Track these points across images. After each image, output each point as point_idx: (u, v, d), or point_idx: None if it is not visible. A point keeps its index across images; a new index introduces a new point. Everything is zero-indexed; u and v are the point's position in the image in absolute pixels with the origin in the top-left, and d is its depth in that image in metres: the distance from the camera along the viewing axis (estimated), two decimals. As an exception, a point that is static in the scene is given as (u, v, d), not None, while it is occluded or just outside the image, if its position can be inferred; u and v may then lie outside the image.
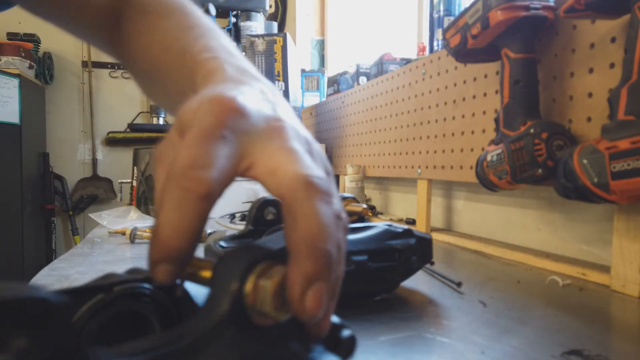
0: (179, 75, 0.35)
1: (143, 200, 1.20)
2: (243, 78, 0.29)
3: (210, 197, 0.21)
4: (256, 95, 0.26)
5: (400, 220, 1.08)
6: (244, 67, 0.31)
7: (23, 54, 2.86)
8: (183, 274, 0.23)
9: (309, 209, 0.21)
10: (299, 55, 2.01)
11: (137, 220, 1.07)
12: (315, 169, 0.23)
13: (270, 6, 2.24)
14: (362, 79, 1.43)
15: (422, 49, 1.27)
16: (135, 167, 1.28)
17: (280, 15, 2.51)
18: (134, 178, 1.28)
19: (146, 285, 0.23)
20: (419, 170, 0.99)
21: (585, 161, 0.48)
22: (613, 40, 0.55)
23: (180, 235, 0.20)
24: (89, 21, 0.47)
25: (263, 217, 0.54)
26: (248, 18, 1.80)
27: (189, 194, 0.20)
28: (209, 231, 0.79)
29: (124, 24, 0.46)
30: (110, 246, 0.82)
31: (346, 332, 0.25)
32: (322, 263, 0.20)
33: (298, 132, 0.25)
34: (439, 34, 1.04)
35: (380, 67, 1.30)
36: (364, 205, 0.59)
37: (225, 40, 0.37)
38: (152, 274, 0.21)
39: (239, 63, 0.32)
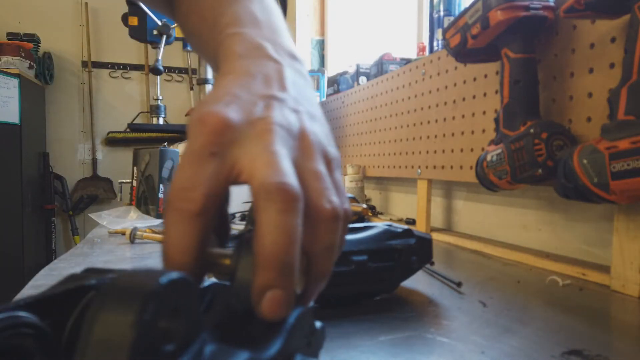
0: (212, 50, 0.36)
1: (143, 200, 1.20)
2: (252, 66, 0.29)
3: (203, 213, 0.22)
4: (250, 94, 0.26)
5: (400, 220, 1.08)
6: (260, 43, 0.31)
7: (23, 54, 2.86)
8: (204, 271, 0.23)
9: (266, 220, 0.22)
10: (299, 55, 2.01)
11: (137, 220, 1.07)
12: (288, 175, 0.23)
13: (270, 6, 2.24)
14: (362, 79, 1.43)
15: (422, 49, 1.27)
16: (135, 167, 1.28)
17: (280, 15, 2.50)
18: (134, 178, 1.28)
19: (26, 316, 0.18)
20: (419, 170, 0.99)
21: (585, 161, 0.48)
22: (613, 40, 0.55)
23: (182, 252, 0.22)
24: None
25: (263, 217, 0.54)
26: (248, 18, 1.79)
27: (182, 214, 0.22)
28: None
29: None
30: (110, 246, 0.82)
31: (318, 324, 0.25)
32: (275, 273, 0.21)
33: (289, 130, 0.25)
34: (439, 34, 1.04)
35: (380, 67, 1.30)
36: (364, 205, 0.59)
37: (257, 3, 0.36)
38: None
39: (257, 38, 0.32)
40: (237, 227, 1.01)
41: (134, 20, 1.68)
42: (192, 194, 0.22)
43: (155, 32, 1.66)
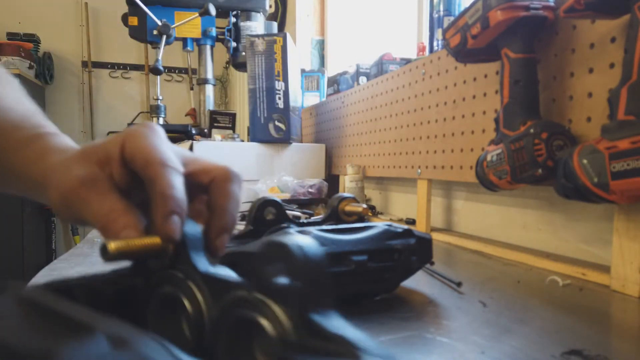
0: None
1: (143, 200, 1.20)
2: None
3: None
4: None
5: (400, 220, 1.08)
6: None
7: (23, 54, 2.86)
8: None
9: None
10: (299, 55, 2.01)
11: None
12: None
13: (270, 6, 2.24)
14: (362, 79, 1.43)
15: (422, 49, 1.27)
16: (135, 167, 1.28)
17: (280, 15, 2.50)
18: (134, 178, 1.28)
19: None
20: (419, 170, 0.99)
21: (585, 161, 0.48)
22: (613, 40, 0.55)
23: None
24: None
25: (263, 217, 0.54)
26: (248, 18, 1.79)
27: None
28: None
29: None
30: (110, 246, 0.82)
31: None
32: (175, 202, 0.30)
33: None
34: (439, 34, 1.04)
35: (380, 67, 1.30)
36: (364, 205, 0.59)
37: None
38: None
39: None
40: (237, 227, 1.01)
41: (134, 20, 1.67)
42: None
43: (155, 32, 1.66)
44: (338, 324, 0.20)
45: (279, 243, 0.22)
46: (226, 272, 0.25)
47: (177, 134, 1.67)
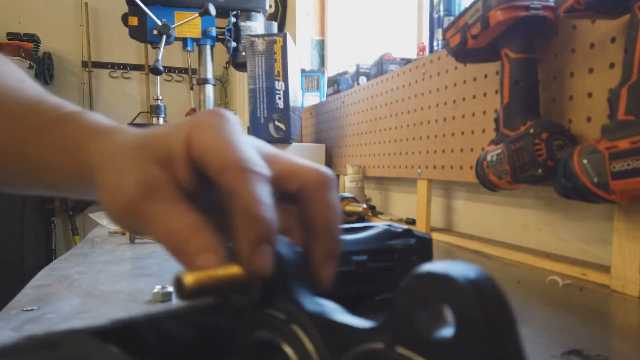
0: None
1: (143, 200, 1.20)
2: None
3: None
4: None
5: (400, 220, 1.08)
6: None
7: (23, 54, 2.86)
8: None
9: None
10: (299, 55, 2.01)
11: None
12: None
13: (270, 6, 2.24)
14: (362, 79, 1.43)
15: (422, 49, 1.27)
16: (135, 167, 1.28)
17: (280, 15, 2.50)
18: (134, 178, 1.28)
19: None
20: (419, 170, 0.99)
21: (585, 161, 0.48)
22: (613, 40, 0.55)
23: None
24: None
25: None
26: (248, 18, 1.79)
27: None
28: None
29: None
30: (110, 246, 0.82)
31: None
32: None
33: None
34: (439, 34, 1.03)
35: (380, 67, 1.30)
36: (364, 205, 0.59)
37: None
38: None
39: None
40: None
41: (134, 20, 1.67)
42: None
43: (155, 32, 1.66)
44: None
45: (438, 275, 0.15)
46: (346, 313, 0.19)
47: (177, 134, 1.67)
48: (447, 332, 0.14)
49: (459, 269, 0.15)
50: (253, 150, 0.25)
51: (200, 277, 0.20)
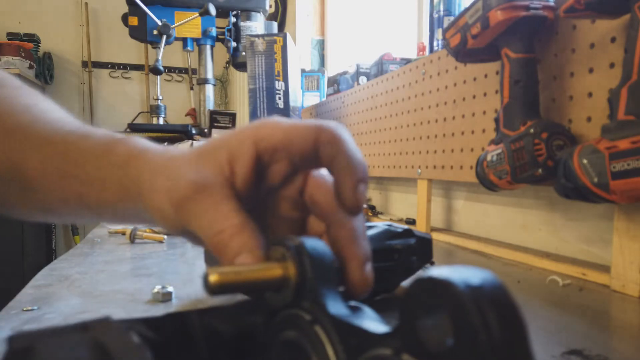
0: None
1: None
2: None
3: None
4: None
5: (400, 220, 1.08)
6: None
7: (23, 54, 2.86)
8: None
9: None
10: (299, 55, 2.01)
11: (137, 220, 1.07)
12: None
13: (270, 6, 2.24)
14: (362, 79, 1.43)
15: (422, 49, 1.27)
16: (135, 167, 1.28)
17: (280, 15, 2.50)
18: (134, 178, 1.28)
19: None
20: (419, 170, 0.99)
21: (585, 161, 0.48)
22: (613, 40, 0.55)
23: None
24: None
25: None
26: (248, 18, 1.79)
27: None
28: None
29: None
30: (110, 246, 0.82)
31: None
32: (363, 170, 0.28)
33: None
34: (439, 34, 1.03)
35: (380, 67, 1.30)
36: (364, 205, 0.59)
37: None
38: None
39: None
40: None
41: (134, 20, 1.67)
42: None
43: (155, 32, 1.66)
44: None
45: (439, 281, 0.14)
46: (367, 318, 0.20)
47: (177, 133, 1.67)
48: (450, 341, 0.14)
49: (462, 274, 0.14)
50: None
51: (226, 276, 0.21)
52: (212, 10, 1.65)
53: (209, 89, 1.88)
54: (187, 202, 0.25)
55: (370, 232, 0.47)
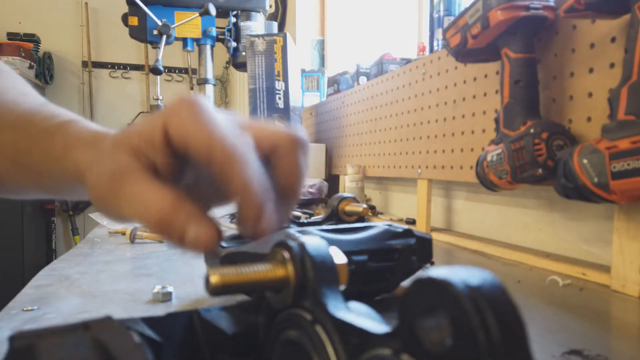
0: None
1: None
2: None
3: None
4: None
5: (400, 220, 1.08)
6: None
7: (23, 54, 2.86)
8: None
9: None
10: (299, 55, 2.01)
11: (137, 220, 1.07)
12: None
13: (270, 6, 2.24)
14: (362, 79, 1.43)
15: (422, 49, 1.27)
16: (135, 167, 1.28)
17: (280, 15, 2.50)
18: (134, 178, 1.28)
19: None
20: (419, 170, 0.99)
21: (585, 161, 0.48)
22: (613, 40, 0.55)
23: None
24: None
25: (263, 217, 0.54)
26: (248, 18, 1.79)
27: None
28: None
29: None
30: (110, 246, 0.82)
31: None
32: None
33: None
34: (439, 34, 1.04)
35: (380, 67, 1.30)
36: (364, 205, 0.59)
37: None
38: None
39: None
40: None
41: (134, 20, 1.67)
42: None
43: (155, 32, 1.66)
44: None
45: (438, 281, 0.14)
46: (367, 318, 0.20)
47: (177, 134, 1.67)
48: (448, 342, 0.14)
49: (461, 274, 0.14)
50: (230, 126, 0.26)
51: (227, 276, 0.21)
52: (212, 10, 1.65)
53: (209, 89, 1.88)
54: (107, 192, 0.25)
55: (370, 232, 0.47)
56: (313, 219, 0.62)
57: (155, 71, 1.63)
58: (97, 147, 0.29)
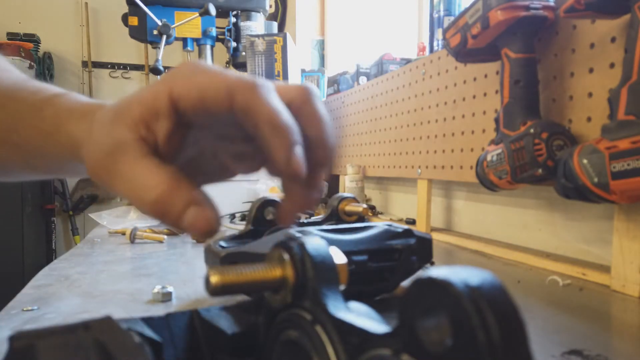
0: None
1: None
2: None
3: None
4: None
5: (400, 220, 1.08)
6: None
7: (23, 54, 2.86)
8: None
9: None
10: (299, 55, 2.01)
11: (137, 220, 1.07)
12: None
13: (270, 6, 2.24)
14: (362, 79, 1.43)
15: (422, 49, 1.27)
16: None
17: (280, 15, 2.50)
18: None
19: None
20: (419, 170, 0.99)
21: (585, 161, 0.48)
22: (613, 40, 0.55)
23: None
24: None
25: (263, 217, 0.54)
26: (248, 18, 1.79)
27: None
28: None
29: None
30: (110, 246, 0.82)
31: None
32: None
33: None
34: (439, 34, 1.04)
35: (380, 67, 1.30)
36: (364, 205, 0.59)
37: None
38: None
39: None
40: (237, 227, 1.01)
41: (134, 20, 1.67)
42: None
43: (155, 32, 1.66)
44: None
45: (435, 280, 0.14)
46: (367, 318, 0.20)
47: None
48: (449, 342, 0.14)
49: (461, 274, 0.14)
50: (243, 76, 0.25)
51: (228, 276, 0.21)
52: (212, 10, 1.65)
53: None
54: (103, 166, 0.24)
55: (370, 232, 0.47)
56: (313, 219, 0.62)
57: (155, 71, 1.63)
58: (92, 119, 0.27)
